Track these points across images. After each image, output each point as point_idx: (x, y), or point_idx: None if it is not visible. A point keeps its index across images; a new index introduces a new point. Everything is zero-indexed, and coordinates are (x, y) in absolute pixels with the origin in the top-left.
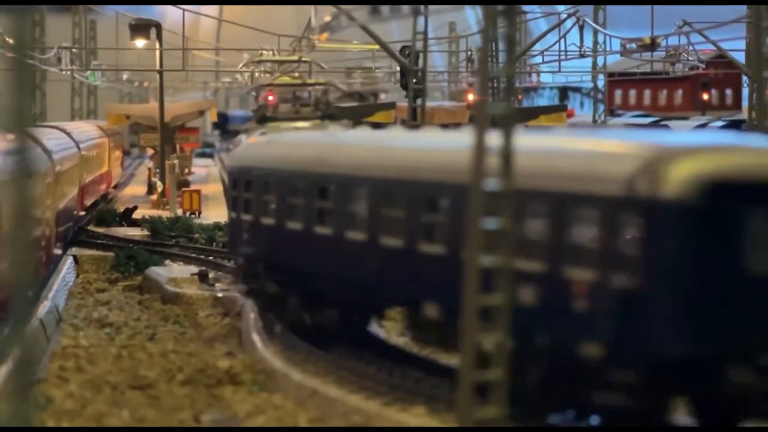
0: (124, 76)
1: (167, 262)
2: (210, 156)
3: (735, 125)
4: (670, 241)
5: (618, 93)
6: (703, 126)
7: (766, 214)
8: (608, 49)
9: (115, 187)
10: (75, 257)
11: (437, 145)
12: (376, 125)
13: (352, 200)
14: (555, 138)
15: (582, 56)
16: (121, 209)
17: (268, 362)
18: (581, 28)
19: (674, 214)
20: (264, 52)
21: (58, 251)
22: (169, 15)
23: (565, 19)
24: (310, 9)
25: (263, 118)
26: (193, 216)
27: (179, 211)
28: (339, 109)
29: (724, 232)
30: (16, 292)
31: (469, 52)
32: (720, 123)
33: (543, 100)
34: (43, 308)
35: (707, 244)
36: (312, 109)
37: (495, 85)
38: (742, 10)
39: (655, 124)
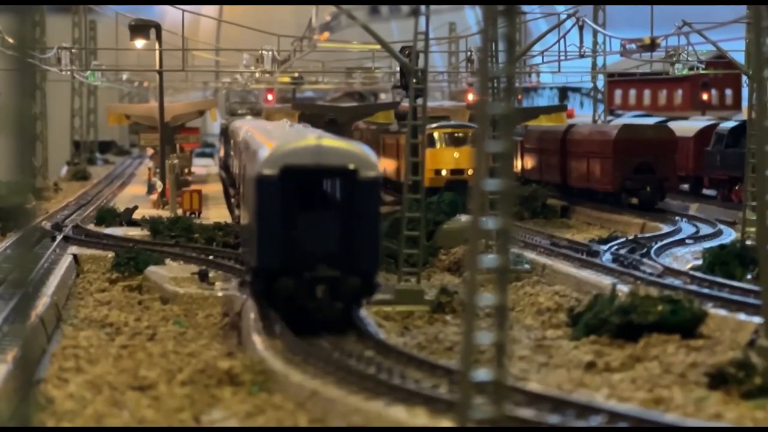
0: (124, 76)
1: (167, 261)
2: (210, 156)
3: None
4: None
5: (618, 93)
6: (711, 126)
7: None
8: (608, 49)
9: None
10: (75, 256)
11: None
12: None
13: None
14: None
15: (582, 56)
16: (121, 209)
17: (268, 362)
18: (581, 28)
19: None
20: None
21: None
22: (169, 15)
23: (565, 20)
24: (311, 9)
25: (231, 113)
26: (193, 216)
27: (179, 211)
28: (337, 110)
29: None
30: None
31: (469, 52)
32: (732, 123)
33: (543, 100)
34: (43, 305)
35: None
36: (247, 108)
37: (495, 85)
38: (742, 10)
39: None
